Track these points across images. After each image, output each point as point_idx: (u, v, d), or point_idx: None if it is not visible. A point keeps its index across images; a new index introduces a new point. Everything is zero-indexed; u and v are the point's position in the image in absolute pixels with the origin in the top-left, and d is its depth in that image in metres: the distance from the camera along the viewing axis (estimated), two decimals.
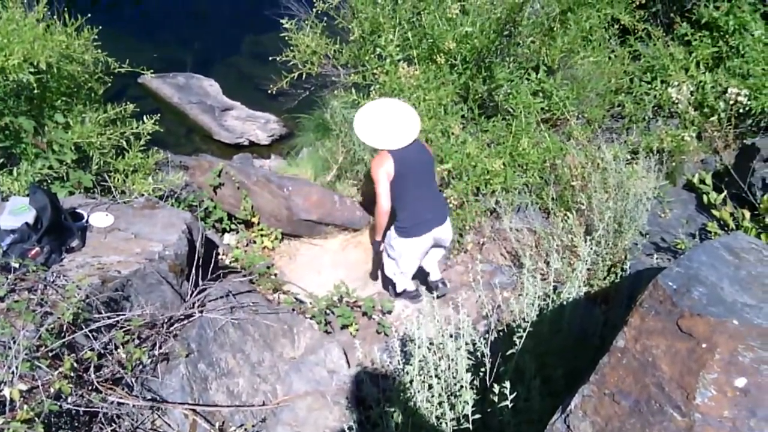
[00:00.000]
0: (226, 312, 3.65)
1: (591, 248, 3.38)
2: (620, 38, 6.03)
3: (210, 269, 3.77)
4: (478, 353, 2.84)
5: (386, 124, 3.99)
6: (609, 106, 5.64)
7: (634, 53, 5.92)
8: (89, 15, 5.00)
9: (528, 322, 2.73)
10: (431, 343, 2.90)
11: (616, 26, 5.80)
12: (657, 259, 3.92)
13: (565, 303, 3.08)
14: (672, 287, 2.00)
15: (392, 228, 4.25)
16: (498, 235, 5.04)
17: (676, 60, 5.66)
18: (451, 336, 2.86)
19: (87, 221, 3.62)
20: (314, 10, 5.39)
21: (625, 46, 5.95)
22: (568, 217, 4.42)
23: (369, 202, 5.05)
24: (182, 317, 3.48)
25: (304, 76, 5.57)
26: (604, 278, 4.15)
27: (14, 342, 2.61)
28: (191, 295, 3.60)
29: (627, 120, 5.63)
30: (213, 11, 9.82)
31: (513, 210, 4.91)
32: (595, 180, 4.46)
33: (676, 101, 5.45)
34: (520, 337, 2.71)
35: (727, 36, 5.54)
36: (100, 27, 5.07)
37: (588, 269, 3.91)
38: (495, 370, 2.73)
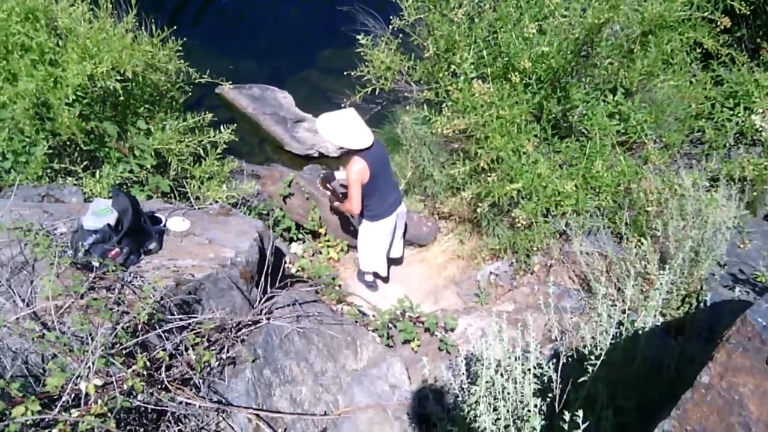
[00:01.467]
0: (292, 320, 3.69)
1: (668, 276, 3.26)
2: (702, 62, 5.83)
3: (278, 277, 3.82)
4: (545, 378, 2.78)
5: (353, 127, 4.53)
6: (688, 131, 5.45)
7: (717, 78, 5.71)
8: (175, 27, 5.18)
9: (602, 350, 2.65)
10: (498, 365, 2.85)
11: (699, 50, 5.61)
12: (738, 292, 3.75)
13: (639, 332, 2.98)
14: (762, 324, 1.90)
15: (364, 218, 4.94)
16: (567, 258, 4.94)
17: (762, 86, 5.43)
18: (517, 359, 2.81)
19: (165, 225, 3.73)
20: (390, 26, 5.43)
21: (708, 70, 5.74)
22: (642, 244, 4.28)
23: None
24: (250, 323, 3.54)
25: (377, 91, 5.61)
26: (678, 308, 4.00)
27: (92, 338, 2.71)
28: (259, 302, 3.66)
29: (707, 146, 5.43)
30: (290, 26, 10.05)
31: (584, 233, 4.80)
32: (672, 206, 4.31)
33: (760, 129, 5.23)
34: (593, 364, 2.63)
35: None
36: (185, 39, 5.25)
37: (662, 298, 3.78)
38: (564, 396, 2.66)
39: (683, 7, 5.04)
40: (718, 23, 5.02)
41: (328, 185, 5.14)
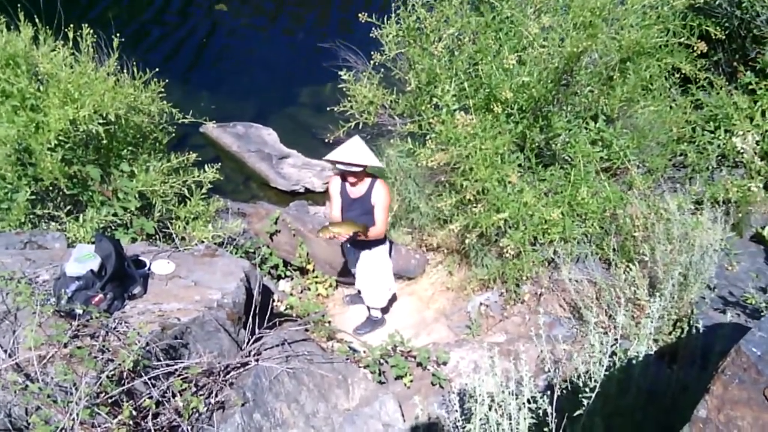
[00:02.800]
0: (282, 361, 3.63)
1: (659, 304, 3.25)
2: (681, 87, 5.92)
3: (266, 317, 3.77)
4: (540, 411, 2.73)
5: (368, 150, 4.53)
6: (671, 155, 5.50)
7: (696, 102, 5.79)
8: (157, 69, 5.19)
9: (596, 381, 2.62)
10: (492, 400, 2.81)
11: (677, 75, 5.70)
12: (729, 315, 3.74)
13: (633, 361, 2.95)
14: (756, 354, 1.88)
15: (381, 243, 4.93)
16: (556, 286, 4.92)
17: (740, 109, 5.50)
18: (512, 393, 2.77)
19: (149, 268, 3.68)
20: (371, 61, 5.47)
21: (687, 95, 5.82)
22: (631, 269, 4.28)
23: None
24: (238, 365, 3.48)
25: (360, 125, 5.63)
26: (670, 333, 3.98)
27: (76, 388, 2.65)
28: (248, 343, 3.60)
29: (690, 170, 5.48)
30: (273, 63, 10.13)
31: (572, 260, 4.79)
32: (659, 231, 4.32)
33: (741, 151, 5.28)
34: (588, 397, 2.60)
35: None
36: (167, 80, 5.25)
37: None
38: (560, 430, 2.61)
39: (660, 33, 5.12)
40: (695, 48, 5.10)
41: (330, 231, 4.70)
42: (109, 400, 2.77)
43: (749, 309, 4.18)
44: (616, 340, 3.17)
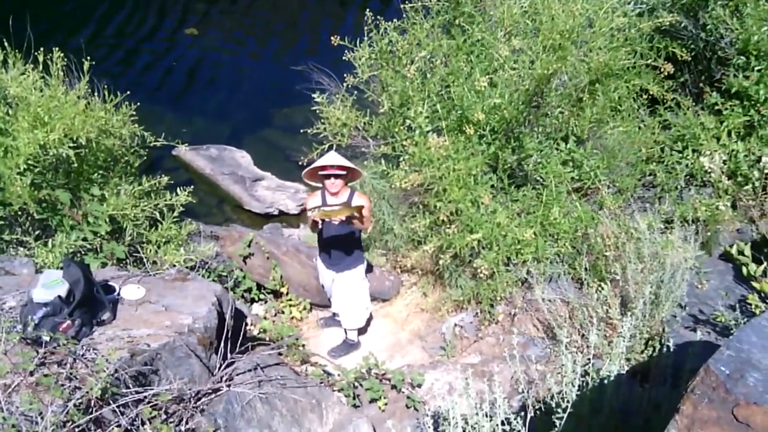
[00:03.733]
0: (254, 386, 3.58)
1: (631, 323, 3.27)
2: (650, 108, 6.03)
3: (239, 341, 3.73)
4: None
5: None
6: (640, 175, 5.59)
7: (664, 123, 5.89)
8: (128, 92, 5.15)
9: (569, 402, 2.62)
10: (466, 422, 2.80)
11: (645, 96, 5.80)
12: (700, 333, 3.78)
13: (606, 381, 2.96)
14: (725, 372, 1.89)
15: (361, 264, 4.98)
16: (530, 306, 4.94)
17: (707, 129, 5.61)
18: (486, 415, 2.76)
19: (119, 294, 3.63)
20: (345, 84, 5.50)
21: (655, 115, 5.93)
22: (603, 288, 4.31)
23: None
24: (210, 391, 3.42)
25: (334, 147, 5.64)
26: (642, 351, 4.01)
27: (42, 418, 2.58)
28: (219, 369, 3.55)
29: (659, 189, 5.56)
30: (246, 87, 10.15)
31: (545, 280, 4.82)
32: (629, 250, 4.37)
33: (709, 170, 5.38)
34: (560, 417, 2.60)
35: (758, 105, 5.50)
36: (138, 103, 5.22)
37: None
38: None
39: (627, 55, 5.23)
40: (662, 70, 5.20)
41: (325, 213, 4.59)
42: (77, 429, 2.70)
43: (719, 327, 4.24)
44: (588, 359, 3.19)
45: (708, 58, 6.31)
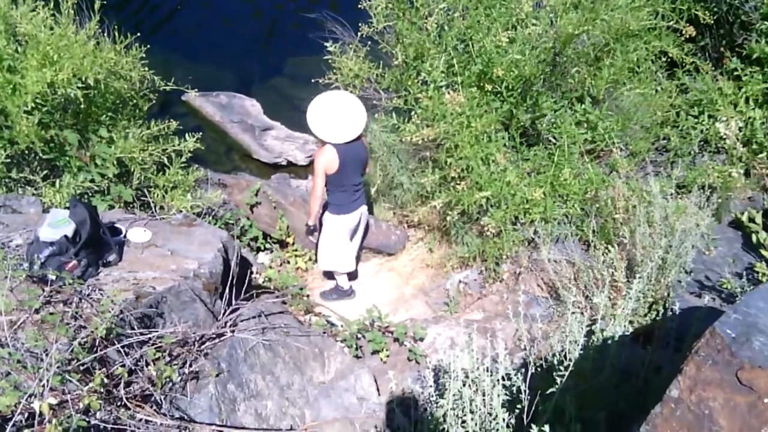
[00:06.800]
0: (258, 333, 3.61)
1: (639, 287, 3.26)
2: (668, 71, 5.90)
3: (243, 288, 3.74)
4: (514, 388, 2.74)
5: (337, 120, 4.52)
6: (654, 139, 5.50)
7: (682, 87, 5.78)
8: (138, 33, 5.07)
9: (571, 360, 2.62)
10: (466, 376, 2.81)
11: (664, 59, 5.68)
12: (707, 299, 3.76)
13: (609, 341, 2.96)
14: (731, 336, 1.88)
15: (327, 210, 4.91)
16: (535, 266, 4.93)
17: (725, 95, 5.50)
18: (487, 370, 2.77)
19: (125, 236, 3.63)
20: (359, 34, 5.40)
21: (673, 79, 5.81)
22: (609, 251, 4.29)
23: None
24: (214, 336, 3.45)
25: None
26: (645, 315, 4.01)
27: (47, 354, 2.60)
28: (224, 314, 3.58)
29: (672, 154, 5.48)
30: (258, 34, 9.94)
31: (552, 241, 4.79)
32: (639, 213, 4.33)
33: (724, 137, 5.28)
34: (561, 375, 2.60)
35: None
36: (148, 46, 5.14)
37: None
38: (533, 407, 2.62)
39: (649, 16, 5.09)
40: (683, 32, 5.08)
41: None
42: (81, 368, 2.73)
43: (725, 293, 4.22)
44: (594, 320, 3.18)
45: (730, 22, 6.15)
